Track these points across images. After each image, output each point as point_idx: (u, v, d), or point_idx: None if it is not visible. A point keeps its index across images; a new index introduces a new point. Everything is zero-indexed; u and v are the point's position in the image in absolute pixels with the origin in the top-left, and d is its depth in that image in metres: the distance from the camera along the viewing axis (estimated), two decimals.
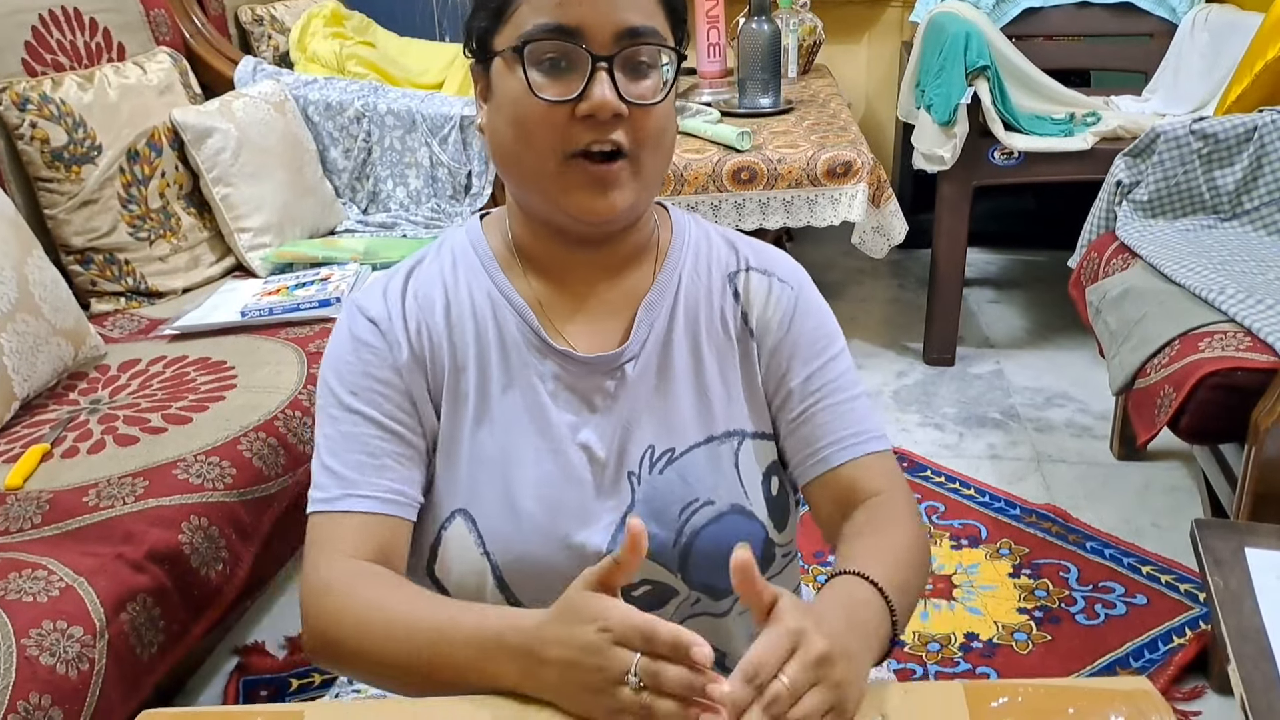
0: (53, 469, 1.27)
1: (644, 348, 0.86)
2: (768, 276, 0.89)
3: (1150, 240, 1.80)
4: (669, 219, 0.92)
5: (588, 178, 0.77)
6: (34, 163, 1.72)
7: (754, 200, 2.28)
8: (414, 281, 0.87)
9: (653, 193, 0.83)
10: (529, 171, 0.79)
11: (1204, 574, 0.94)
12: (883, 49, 3.45)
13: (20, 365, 1.38)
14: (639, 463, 0.84)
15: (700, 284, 0.88)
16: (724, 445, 0.85)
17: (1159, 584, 1.72)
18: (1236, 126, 1.81)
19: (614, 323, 0.87)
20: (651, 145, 0.79)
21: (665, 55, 0.78)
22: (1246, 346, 1.40)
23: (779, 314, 0.88)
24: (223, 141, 1.96)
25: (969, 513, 1.94)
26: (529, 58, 0.76)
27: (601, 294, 0.87)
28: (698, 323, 0.87)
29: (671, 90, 0.80)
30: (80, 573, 1.06)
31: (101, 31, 1.96)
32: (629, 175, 0.78)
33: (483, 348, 0.84)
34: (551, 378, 0.84)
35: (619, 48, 0.75)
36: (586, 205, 0.77)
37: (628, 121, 0.76)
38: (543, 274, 0.86)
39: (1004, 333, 2.77)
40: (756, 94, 2.58)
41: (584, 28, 0.75)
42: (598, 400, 0.85)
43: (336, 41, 2.50)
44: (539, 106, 0.76)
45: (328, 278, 1.84)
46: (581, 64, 0.75)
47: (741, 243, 0.92)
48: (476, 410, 0.84)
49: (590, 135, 0.76)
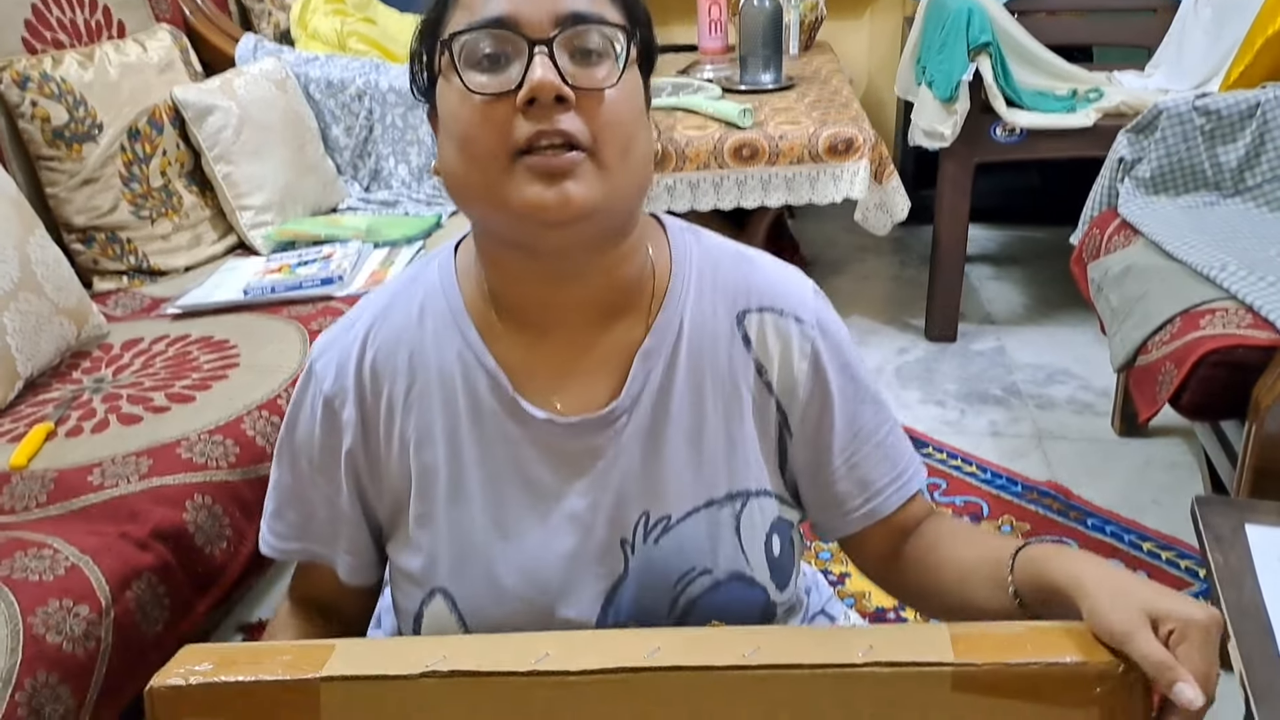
0: (57, 448, 1.28)
1: (637, 402, 0.77)
2: (782, 317, 0.80)
3: (1152, 217, 1.79)
4: (666, 243, 0.81)
5: (537, 171, 0.66)
6: (35, 141, 1.72)
7: (755, 177, 2.27)
8: (374, 342, 0.79)
9: (626, 203, 0.72)
10: (478, 187, 0.69)
11: (1204, 551, 0.94)
12: (885, 25, 3.42)
13: (23, 345, 1.38)
14: (633, 531, 0.77)
15: (705, 328, 0.79)
16: (724, 510, 0.78)
17: (1159, 560, 1.73)
18: (1239, 103, 1.81)
19: (603, 376, 0.78)
20: (612, 136, 0.68)
21: (618, 42, 0.69)
22: (1248, 324, 1.40)
23: (804, 367, 0.80)
24: (224, 119, 1.96)
25: (970, 489, 1.95)
26: (463, 59, 0.68)
27: (588, 344, 0.77)
28: (702, 373, 0.78)
29: (628, 73, 0.70)
30: (85, 551, 1.07)
31: (101, 9, 1.96)
32: (589, 169, 0.67)
33: (452, 418, 0.77)
34: (530, 445, 0.77)
35: (559, 30, 0.67)
36: (536, 200, 0.66)
37: (580, 110, 0.67)
38: (521, 323, 0.77)
39: (1006, 309, 2.77)
40: (758, 71, 2.57)
41: (519, 17, 0.67)
42: (585, 463, 0.77)
43: (338, 18, 2.49)
44: (478, 107, 0.67)
45: (330, 255, 1.84)
46: (519, 54, 0.67)
47: (749, 265, 0.82)
48: (450, 485, 0.78)
49: (534, 127, 0.66)
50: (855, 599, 1.65)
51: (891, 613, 1.62)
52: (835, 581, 1.69)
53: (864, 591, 1.67)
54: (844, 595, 1.66)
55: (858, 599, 1.65)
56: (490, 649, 0.65)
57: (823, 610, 0.98)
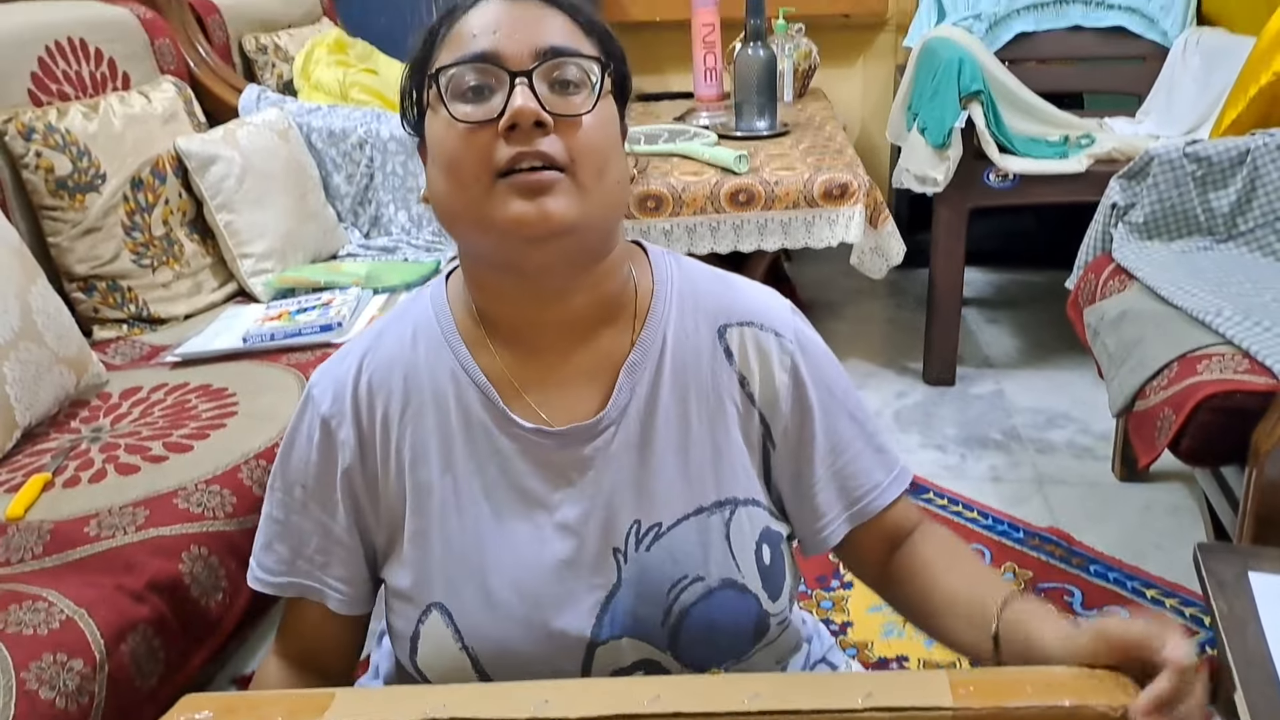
0: (54, 499, 1.27)
1: (624, 414, 0.80)
2: (760, 331, 0.83)
3: (1146, 262, 1.80)
4: (648, 264, 0.86)
5: (517, 189, 0.70)
6: (38, 191, 1.73)
7: (752, 222, 2.29)
8: (369, 366, 0.82)
9: (604, 220, 0.75)
10: (463, 208, 0.73)
11: (1208, 599, 0.94)
12: (877, 73, 3.47)
13: (22, 394, 1.38)
14: (625, 539, 0.79)
15: (688, 343, 0.82)
16: (714, 517, 0.80)
17: (1163, 608, 1.72)
18: (1230, 149, 1.82)
19: (590, 389, 0.81)
20: (588, 158, 0.72)
21: (594, 73, 0.74)
22: (1245, 369, 1.41)
23: (784, 379, 0.83)
24: (226, 169, 1.98)
25: (972, 536, 1.94)
26: (449, 91, 0.73)
27: (574, 359, 0.80)
28: (687, 385, 0.81)
29: (603, 102, 0.75)
30: (81, 604, 1.06)
31: (107, 61, 1.98)
32: (567, 186, 0.71)
33: (445, 435, 0.80)
34: (522, 456, 0.79)
35: (538, 62, 0.72)
36: (517, 215, 0.70)
37: (558, 134, 0.71)
38: (510, 342, 0.81)
39: (1003, 353, 2.78)
40: (753, 117, 2.60)
41: (500, 52, 0.72)
42: (574, 474, 0.79)
43: (340, 69, 2.52)
44: (463, 134, 0.72)
45: (329, 302, 1.84)
46: (501, 85, 0.72)
47: (727, 286, 0.86)
48: (444, 500, 0.80)
49: (515, 149, 0.70)
50: (857, 649, 1.64)
51: (894, 662, 1.61)
52: (837, 631, 1.68)
53: (866, 641, 1.65)
54: (846, 645, 1.65)
55: (860, 649, 1.64)
56: (490, 696, 0.65)
57: (824, 658, 0.98)
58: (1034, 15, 2.89)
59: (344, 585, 0.84)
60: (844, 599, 1.74)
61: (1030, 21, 2.89)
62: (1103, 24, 2.86)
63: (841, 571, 1.83)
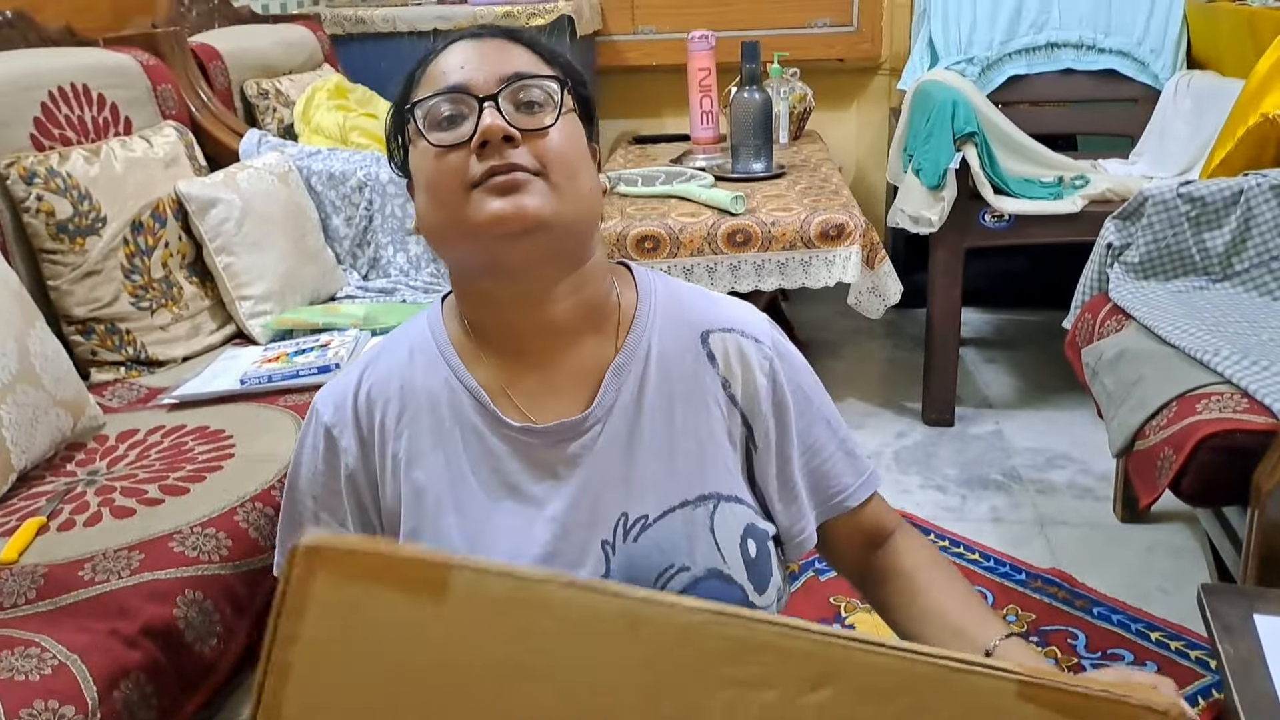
0: (48, 543, 1.26)
1: (610, 413, 0.84)
2: (741, 337, 0.89)
3: (1143, 302, 1.81)
4: (632, 280, 0.91)
5: (492, 190, 0.76)
6: (39, 235, 1.74)
7: (749, 262, 2.30)
8: (368, 379, 0.87)
9: (578, 220, 0.80)
10: (445, 219, 0.79)
11: (1213, 641, 0.93)
12: (871, 115, 3.51)
13: (19, 437, 1.38)
14: (613, 531, 0.83)
15: (672, 348, 0.87)
16: (699, 509, 0.84)
17: (1168, 650, 1.70)
18: (1223, 189, 1.84)
19: (577, 390, 0.85)
20: (558, 163, 0.79)
21: (555, 94, 0.81)
22: (1244, 408, 1.40)
23: (763, 383, 0.88)
24: (226, 212, 1.98)
25: (975, 578, 1.93)
26: (425, 122, 0.79)
27: (561, 363, 0.85)
28: (671, 387, 0.86)
29: (566, 116, 0.81)
30: (74, 650, 1.05)
31: (110, 107, 1.99)
32: (540, 186, 0.77)
33: (439, 438, 0.84)
34: (512, 456, 0.84)
35: (503, 86, 0.79)
36: (494, 213, 0.76)
37: (527, 147, 0.78)
38: (500, 350, 0.85)
39: (1002, 393, 2.78)
40: (749, 159, 2.62)
41: (468, 83, 0.79)
42: (561, 469, 0.83)
43: (340, 113, 2.54)
44: (440, 157, 0.78)
45: (327, 344, 1.84)
46: (472, 110, 0.78)
47: (709, 300, 0.92)
48: (438, 500, 0.83)
49: (488, 163, 0.77)
50: None
51: None
52: None
53: None
54: None
55: None
56: None
57: None
58: (1026, 59, 2.93)
59: None
60: None
61: (1023, 65, 2.93)
62: (1094, 67, 2.90)
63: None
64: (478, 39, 0.83)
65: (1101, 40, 2.88)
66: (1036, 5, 2.91)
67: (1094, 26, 2.88)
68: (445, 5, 2.99)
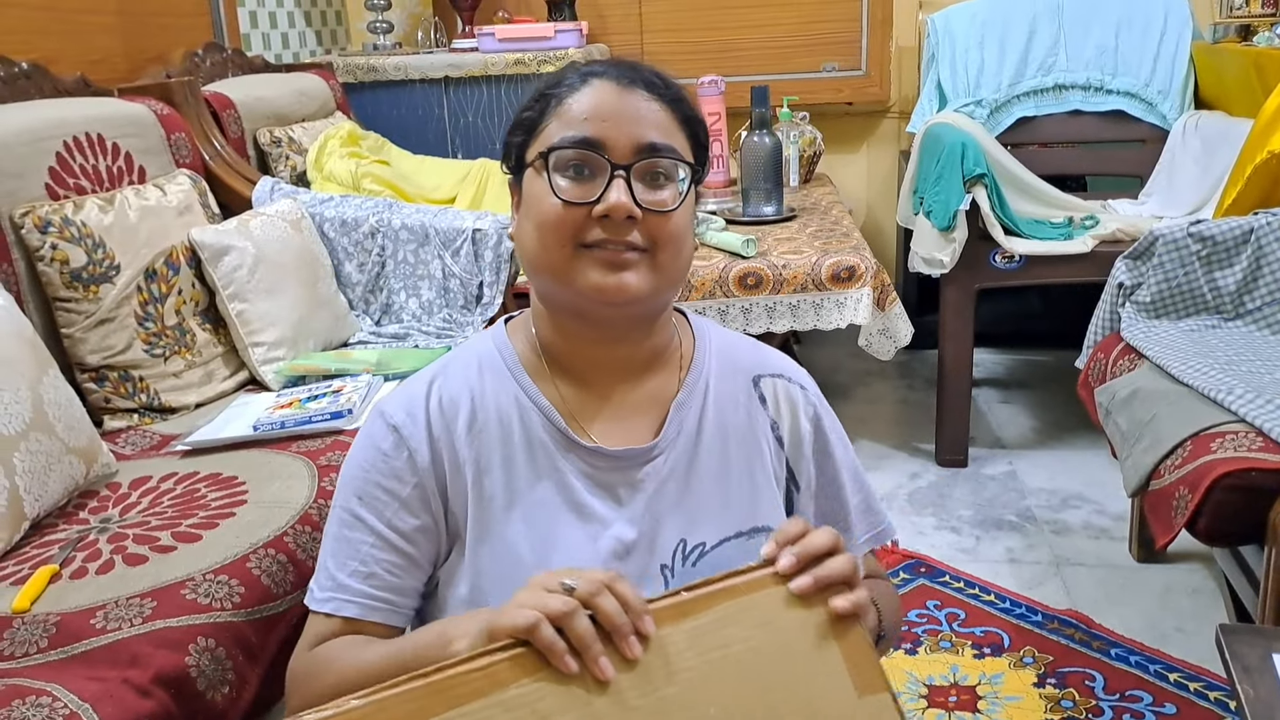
0: (61, 590, 1.26)
1: (673, 445, 0.90)
2: (789, 383, 0.96)
3: (1155, 341, 1.81)
4: (689, 327, 0.97)
5: (601, 261, 0.81)
6: (53, 283, 1.76)
7: (761, 305, 2.30)
8: (438, 388, 0.90)
9: (670, 290, 0.87)
10: (547, 263, 0.83)
11: (1233, 682, 0.92)
12: (881, 158, 3.53)
13: (32, 485, 1.38)
14: (671, 555, 0.88)
15: (728, 390, 0.93)
16: (753, 540, 0.89)
17: (1187, 692, 1.67)
18: (1234, 228, 1.84)
19: (640, 421, 0.90)
20: (668, 246, 0.83)
21: (682, 170, 0.85)
22: (1259, 447, 1.39)
23: (807, 426, 0.95)
24: (239, 259, 2.00)
25: (990, 620, 1.91)
26: (554, 165, 0.83)
27: (626, 395, 0.91)
28: (726, 426, 0.92)
29: (686, 198, 0.85)
30: (85, 699, 1.04)
31: (124, 155, 2.02)
32: (645, 266, 0.83)
33: (509, 450, 0.88)
34: (579, 475, 0.88)
35: (637, 158, 0.82)
36: (598, 284, 0.81)
37: (643, 225, 0.82)
38: (568, 375, 0.90)
39: (1015, 433, 2.76)
40: (760, 203, 2.64)
41: (605, 141, 0.82)
42: (624, 493, 0.88)
43: (353, 161, 2.57)
44: (559, 206, 0.82)
45: (340, 390, 1.85)
46: (601, 172, 0.82)
47: (756, 346, 0.99)
48: (504, 511, 0.87)
49: (605, 234, 0.81)
50: None
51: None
52: None
53: None
54: None
55: None
56: None
57: None
58: (1034, 100, 2.95)
59: (389, 595, 0.88)
60: None
61: (1031, 106, 2.95)
62: (1102, 108, 2.91)
63: None
64: (620, 86, 0.85)
65: (1109, 81, 2.90)
66: (1044, 48, 2.93)
67: (1101, 68, 2.90)
68: (455, 54, 3.04)
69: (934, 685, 1.71)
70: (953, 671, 1.75)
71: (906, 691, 1.68)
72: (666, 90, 0.88)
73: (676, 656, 0.71)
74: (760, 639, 0.73)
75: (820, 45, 3.32)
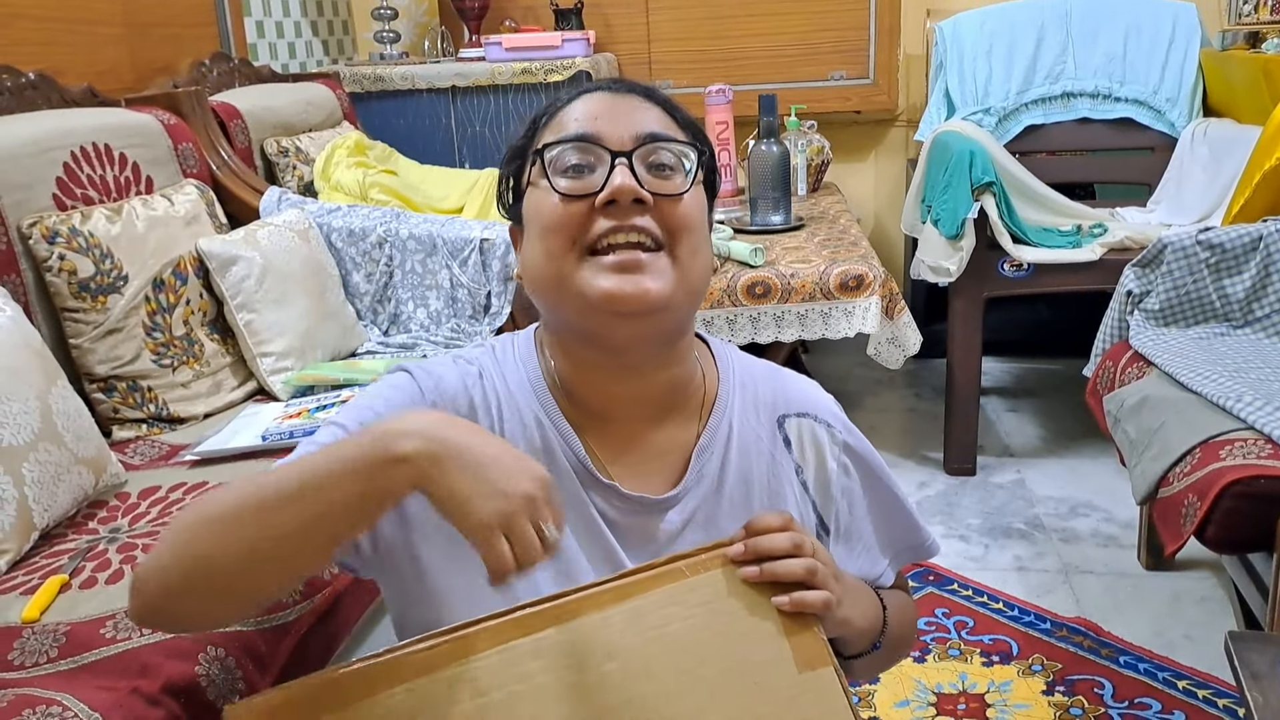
0: (70, 600, 1.27)
1: (692, 493, 0.85)
2: (815, 422, 0.90)
3: (1164, 349, 1.80)
4: (711, 356, 0.91)
5: (611, 267, 0.75)
6: (60, 294, 1.76)
7: (769, 314, 2.30)
8: (471, 387, 0.84)
9: (690, 301, 0.80)
10: (554, 275, 0.77)
11: (1241, 690, 0.91)
12: (889, 167, 3.53)
13: (41, 495, 1.39)
14: None
15: (750, 432, 0.88)
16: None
17: (1196, 699, 1.67)
18: (1242, 236, 1.84)
19: (660, 467, 0.85)
20: (684, 235, 0.77)
21: (688, 161, 0.80)
22: (1268, 454, 1.39)
23: (834, 466, 0.90)
24: (247, 269, 2.01)
25: (999, 628, 1.90)
26: (552, 167, 0.77)
27: (647, 437, 0.85)
28: (750, 471, 0.87)
29: (696, 184, 0.80)
30: (95, 708, 1.04)
31: (131, 166, 2.03)
32: (664, 264, 0.76)
33: None
34: (599, 511, 0.83)
35: (637, 145, 0.77)
36: (610, 291, 0.74)
37: (655, 214, 0.76)
38: (585, 412, 0.84)
39: (1024, 442, 2.76)
40: (768, 212, 2.64)
41: (601, 134, 0.78)
42: (644, 542, 0.83)
43: (360, 170, 2.58)
44: (561, 205, 0.76)
45: (348, 399, 1.85)
46: (601, 163, 0.77)
47: (779, 379, 0.93)
48: None
49: (612, 223, 0.75)
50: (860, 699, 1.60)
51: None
52: None
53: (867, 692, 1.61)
54: None
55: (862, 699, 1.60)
56: None
57: None
58: (1042, 108, 2.95)
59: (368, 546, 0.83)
60: (870, 693, 1.70)
61: (1039, 114, 2.95)
62: (1111, 116, 2.91)
63: None
64: (612, 92, 0.82)
65: (1117, 89, 2.90)
66: (1052, 56, 2.93)
67: (1109, 76, 2.90)
68: (462, 63, 3.05)
69: (943, 693, 1.71)
70: (961, 679, 1.74)
71: (915, 699, 1.68)
72: (661, 96, 0.85)
73: (618, 635, 0.72)
74: (701, 618, 0.73)
75: (828, 54, 3.33)
